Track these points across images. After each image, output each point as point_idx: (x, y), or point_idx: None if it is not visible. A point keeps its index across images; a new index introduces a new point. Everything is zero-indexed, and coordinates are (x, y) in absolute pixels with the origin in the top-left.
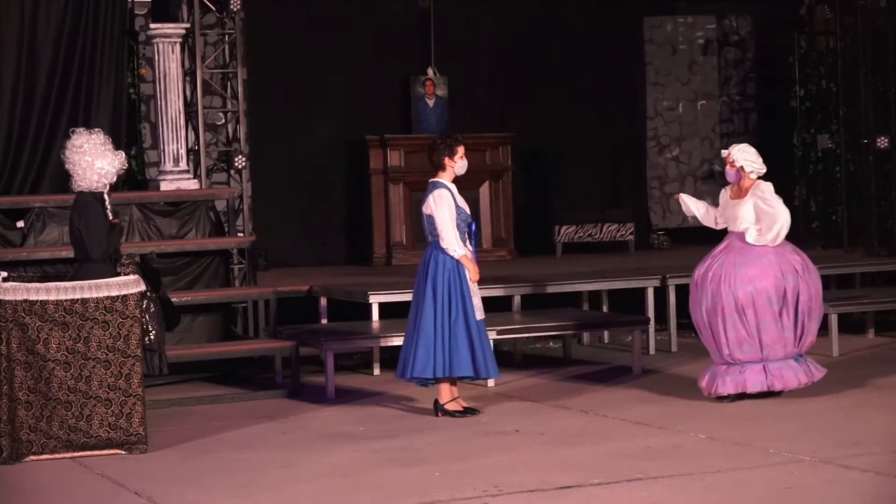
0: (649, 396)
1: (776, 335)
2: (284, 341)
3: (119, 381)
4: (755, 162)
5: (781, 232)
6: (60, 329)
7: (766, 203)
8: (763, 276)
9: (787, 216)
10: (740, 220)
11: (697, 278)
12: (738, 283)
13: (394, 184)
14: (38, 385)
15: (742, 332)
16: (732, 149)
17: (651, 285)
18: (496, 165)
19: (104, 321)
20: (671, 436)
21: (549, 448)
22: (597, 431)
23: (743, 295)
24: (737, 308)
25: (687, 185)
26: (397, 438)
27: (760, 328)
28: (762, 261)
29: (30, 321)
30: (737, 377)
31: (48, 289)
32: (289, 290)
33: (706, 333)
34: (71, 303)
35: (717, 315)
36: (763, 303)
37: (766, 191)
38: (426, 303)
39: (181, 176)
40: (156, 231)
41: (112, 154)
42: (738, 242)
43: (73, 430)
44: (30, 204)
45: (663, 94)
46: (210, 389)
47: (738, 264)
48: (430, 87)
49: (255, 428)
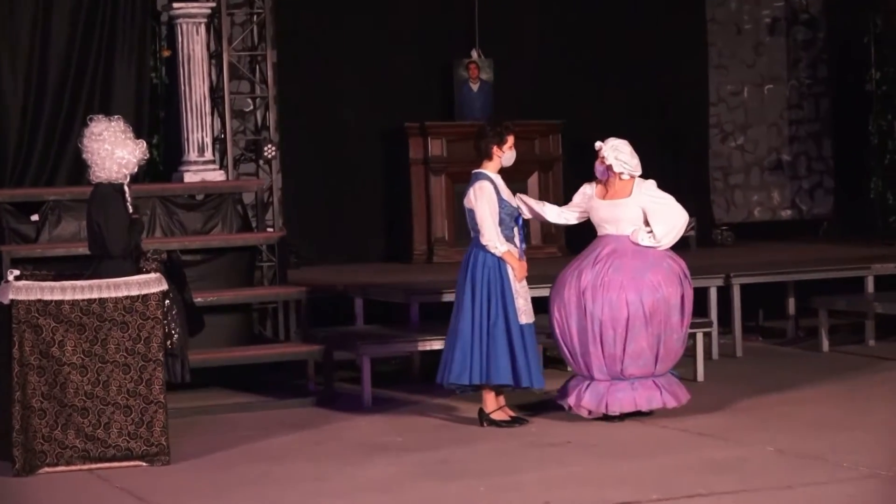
0: (712, 405)
1: (671, 347)
2: (317, 345)
3: (139, 387)
4: (627, 163)
5: (679, 234)
6: (77, 331)
7: (658, 202)
8: (668, 282)
9: (686, 216)
10: (624, 221)
11: (586, 286)
12: (644, 289)
13: (435, 175)
14: (53, 391)
15: (643, 344)
16: (606, 144)
17: (714, 285)
18: (545, 155)
19: (123, 322)
20: (735, 448)
21: (603, 461)
22: (655, 443)
23: (652, 302)
24: (644, 317)
25: (752, 176)
26: (439, 450)
27: (662, 339)
28: (663, 265)
29: (44, 322)
30: (628, 394)
31: (63, 288)
32: (322, 290)
33: (592, 347)
34: (88, 303)
35: (617, 326)
36: (667, 311)
37: (654, 189)
38: (465, 304)
39: (206, 167)
40: (179, 226)
41: (133, 143)
42: (629, 245)
43: (90, 440)
44: (44, 197)
45: (727, 77)
46: (236, 397)
47: (640, 269)
48: (475, 70)
49: (285, 438)
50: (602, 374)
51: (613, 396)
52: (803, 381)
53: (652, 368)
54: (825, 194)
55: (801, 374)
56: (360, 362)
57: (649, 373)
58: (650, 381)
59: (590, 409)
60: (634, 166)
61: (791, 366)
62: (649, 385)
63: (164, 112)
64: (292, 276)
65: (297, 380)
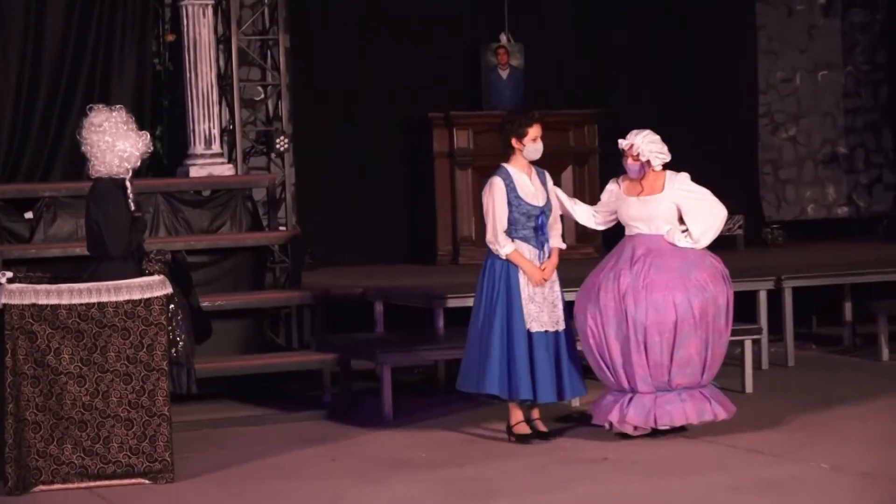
0: (762, 419)
1: (719, 353)
2: (332, 353)
3: (142, 399)
4: (662, 152)
5: (717, 231)
6: (74, 338)
7: (694, 198)
8: (715, 281)
9: (724, 212)
10: (658, 219)
11: (626, 289)
12: (692, 289)
13: (461, 169)
14: (48, 403)
15: (691, 350)
16: (634, 138)
17: (763, 288)
18: (581, 147)
19: (124, 329)
20: (788, 465)
21: (644, 479)
22: (700, 459)
23: (701, 303)
24: (693, 319)
25: (806, 170)
26: (466, 466)
27: (710, 344)
28: (705, 263)
29: (39, 329)
30: (678, 406)
31: (60, 291)
32: (339, 294)
33: (635, 356)
34: (86, 307)
35: (664, 330)
36: (715, 313)
37: (689, 183)
38: (474, 307)
39: (214, 160)
40: (184, 224)
41: (136, 135)
42: (665, 244)
43: (89, 455)
44: (39, 193)
45: (777, 63)
46: (246, 409)
47: (684, 268)
48: (504, 55)
49: (299, 454)
50: (647, 385)
51: (662, 409)
52: (861, 393)
53: (699, 377)
54: (885, 190)
55: (858, 385)
56: (379, 372)
57: (696, 382)
58: (697, 391)
59: (636, 424)
60: (666, 154)
61: (847, 376)
62: (698, 396)
63: (167, 101)
64: (307, 278)
65: (312, 391)
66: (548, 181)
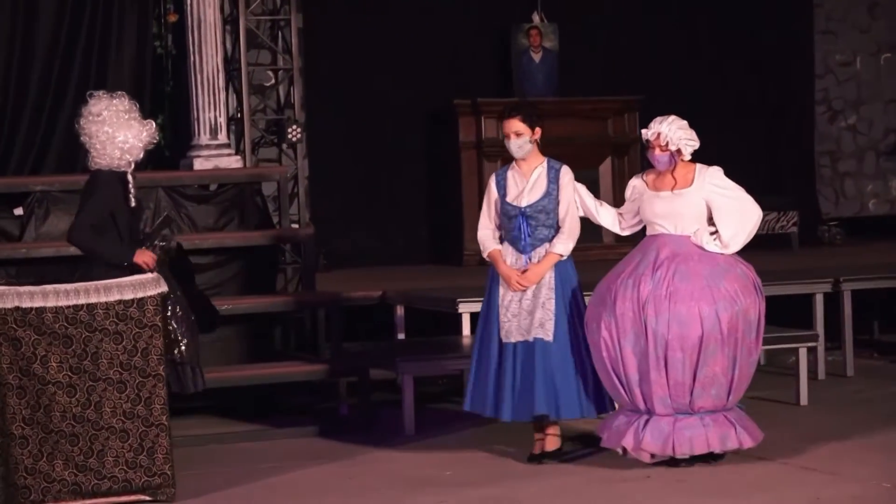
0: (818, 433)
1: (746, 373)
2: (349, 362)
3: (137, 408)
4: (692, 139)
5: (751, 235)
6: (62, 344)
7: (726, 196)
8: (746, 293)
9: (759, 213)
10: (685, 217)
11: (646, 297)
12: (721, 301)
13: (490, 161)
14: (36, 415)
15: (716, 369)
16: (660, 125)
17: (820, 291)
18: (621, 137)
19: (116, 332)
20: (846, 484)
21: (690, 499)
22: (752, 479)
23: (730, 317)
24: (721, 335)
25: (866, 163)
26: (494, 486)
27: (737, 363)
28: (736, 271)
29: (23, 335)
30: (700, 432)
31: (45, 293)
32: (356, 297)
33: (654, 374)
34: (74, 310)
35: (686, 346)
36: (745, 329)
37: (721, 178)
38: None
39: (220, 151)
40: (188, 221)
41: (139, 124)
42: (692, 247)
43: (82, 471)
44: (30, 187)
45: (836, 45)
46: (254, 422)
47: (713, 276)
48: (537, 37)
49: (313, 471)
50: (665, 406)
51: (681, 435)
52: None
53: (724, 400)
54: None
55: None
56: (400, 382)
57: (721, 405)
58: (721, 415)
59: (653, 451)
60: (696, 141)
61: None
62: (722, 421)
63: (169, 87)
64: (321, 280)
65: (327, 402)
66: (561, 178)
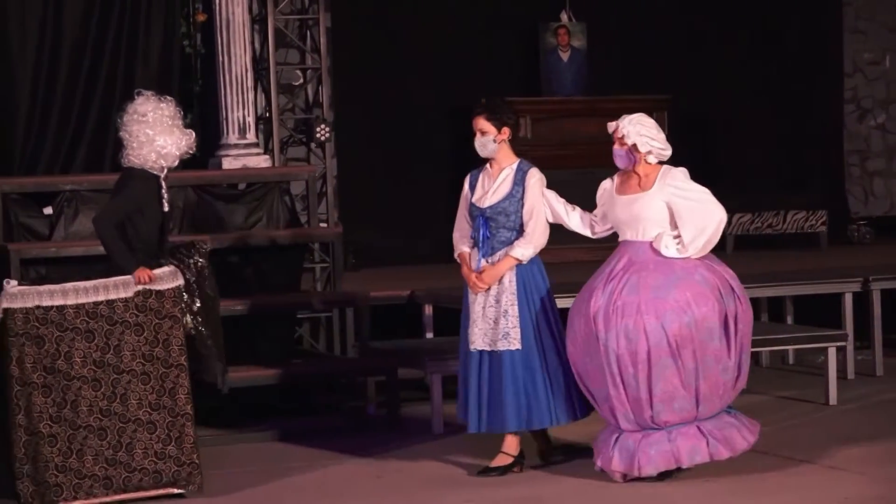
0: (846, 433)
1: (717, 381)
2: (377, 361)
3: (162, 398)
4: (655, 139)
5: (714, 238)
6: (85, 338)
7: (688, 197)
8: (700, 300)
9: (722, 213)
10: (646, 222)
11: (596, 311)
12: (667, 312)
13: None
14: (63, 412)
15: (675, 382)
16: (622, 120)
17: (849, 290)
18: None
19: (137, 324)
20: (875, 485)
21: (717, 499)
22: (778, 478)
23: (678, 328)
24: (670, 348)
25: None
26: (521, 485)
27: (699, 373)
28: (693, 278)
29: (46, 332)
30: (665, 448)
31: (65, 291)
32: (384, 296)
33: (612, 391)
34: (94, 305)
35: (637, 361)
36: (703, 336)
37: (683, 179)
38: None
39: (248, 151)
40: (216, 221)
41: (180, 132)
42: (650, 254)
43: (112, 465)
44: (59, 186)
45: (865, 43)
46: (280, 421)
47: (662, 286)
48: (565, 36)
49: (341, 470)
50: (629, 422)
51: (645, 454)
52: None
53: (693, 412)
54: None
55: None
56: (428, 381)
57: (691, 417)
58: (693, 427)
59: (621, 471)
60: (664, 144)
61: None
62: (691, 433)
63: (198, 87)
64: (349, 279)
65: (354, 402)
66: (527, 180)
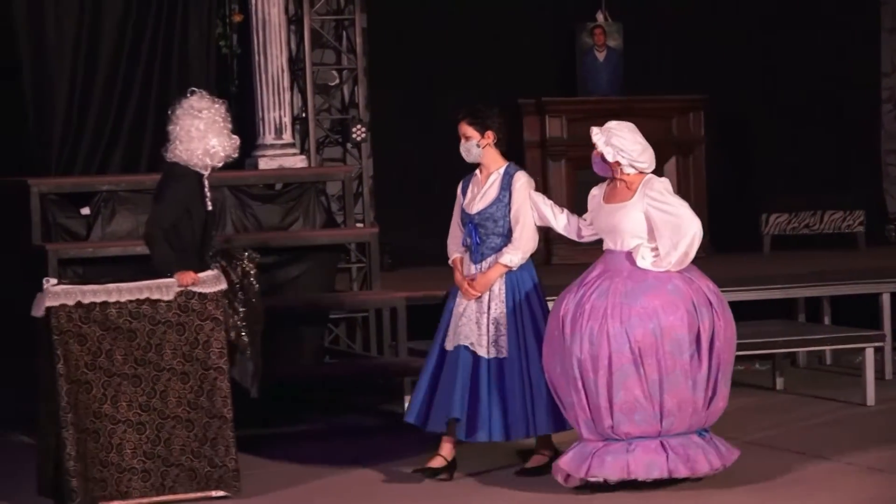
0: (884, 434)
1: (685, 397)
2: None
3: (200, 399)
4: (625, 150)
5: (691, 252)
6: (126, 338)
7: (664, 210)
8: (670, 309)
9: (697, 227)
10: (624, 233)
11: (564, 314)
12: (633, 318)
13: (554, 160)
14: (103, 407)
15: (636, 392)
16: (597, 129)
17: (887, 291)
18: (685, 136)
19: (179, 324)
20: None
21: (749, 498)
22: (813, 478)
23: (642, 335)
24: (632, 354)
25: None
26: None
27: (664, 386)
28: (665, 287)
29: (88, 331)
30: (620, 457)
31: (108, 290)
32: (421, 296)
33: (574, 396)
34: (137, 304)
35: (598, 367)
36: (670, 348)
37: (661, 191)
38: None
39: (285, 151)
40: (253, 220)
41: (228, 135)
42: (625, 264)
43: (150, 458)
44: (96, 187)
45: None
46: (318, 421)
47: (631, 293)
48: (601, 36)
49: (376, 471)
50: (590, 431)
51: (600, 458)
52: None
53: (657, 426)
54: None
55: None
56: None
57: (653, 431)
58: (656, 441)
59: (568, 471)
60: (637, 156)
61: None
62: (652, 448)
63: (234, 87)
64: (385, 279)
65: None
66: (513, 184)
